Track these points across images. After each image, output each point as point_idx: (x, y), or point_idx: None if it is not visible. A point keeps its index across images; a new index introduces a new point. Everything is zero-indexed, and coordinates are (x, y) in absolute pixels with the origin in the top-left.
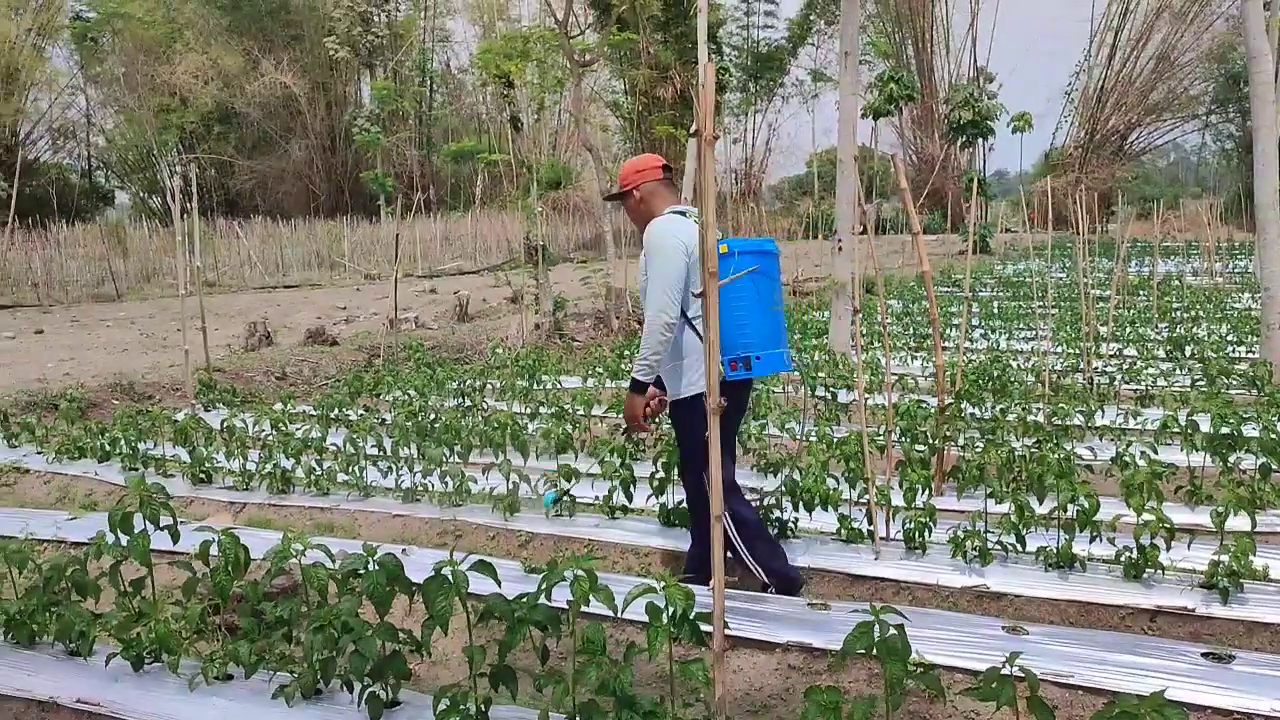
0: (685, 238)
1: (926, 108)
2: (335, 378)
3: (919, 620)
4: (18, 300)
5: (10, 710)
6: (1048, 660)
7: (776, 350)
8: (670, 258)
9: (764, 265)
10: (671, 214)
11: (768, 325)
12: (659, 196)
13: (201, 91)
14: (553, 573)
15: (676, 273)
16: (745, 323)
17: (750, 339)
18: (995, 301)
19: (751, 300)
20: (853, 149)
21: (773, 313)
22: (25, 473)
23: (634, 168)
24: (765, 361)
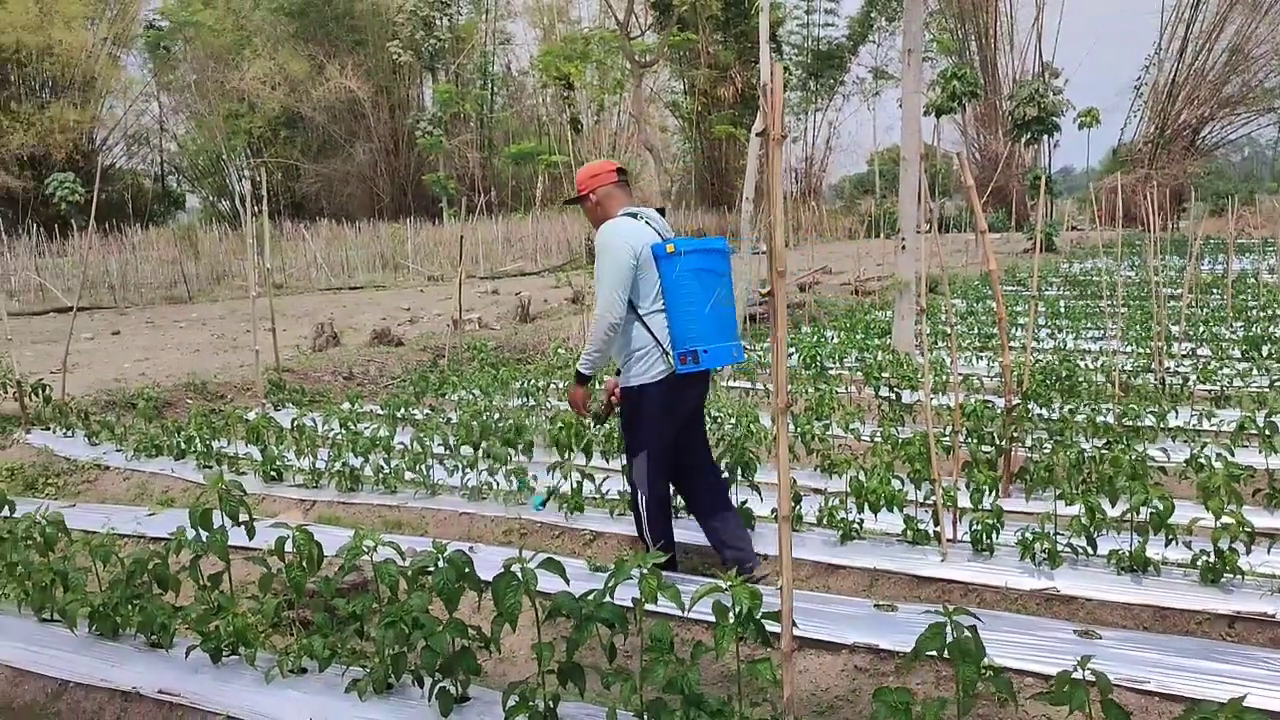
0: (633, 239)
1: (990, 104)
2: (401, 378)
3: (987, 623)
4: (95, 302)
5: (95, 700)
6: (1121, 665)
7: (725, 343)
8: (616, 258)
9: (711, 262)
10: (623, 216)
11: (715, 320)
12: (613, 199)
13: (269, 97)
14: (620, 570)
15: (623, 272)
16: (693, 318)
17: (698, 333)
18: (1061, 301)
19: (698, 296)
20: (917, 146)
21: (721, 308)
22: (105, 469)
23: (590, 173)
24: (712, 354)
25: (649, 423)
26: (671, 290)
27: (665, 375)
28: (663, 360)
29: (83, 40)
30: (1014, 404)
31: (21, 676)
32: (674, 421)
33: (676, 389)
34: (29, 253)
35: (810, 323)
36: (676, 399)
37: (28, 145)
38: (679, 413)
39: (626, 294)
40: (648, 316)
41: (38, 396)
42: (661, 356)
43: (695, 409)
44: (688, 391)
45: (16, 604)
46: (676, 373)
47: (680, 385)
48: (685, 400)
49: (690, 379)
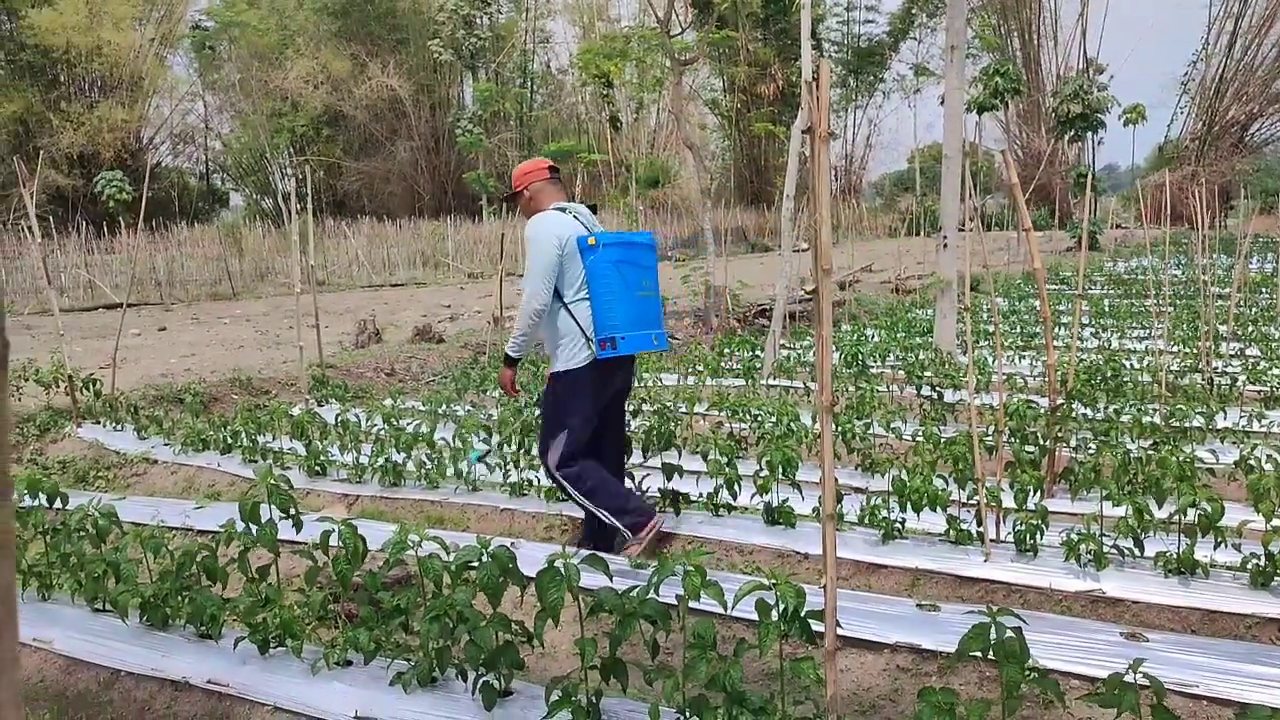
0: (559, 230)
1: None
2: (442, 374)
3: (1031, 624)
4: (142, 299)
5: (146, 689)
6: (1170, 668)
7: (643, 331)
8: (543, 249)
9: (632, 255)
10: (553, 210)
11: (634, 309)
12: (545, 194)
13: (311, 95)
14: (663, 567)
15: (549, 263)
16: (612, 307)
17: (616, 321)
18: (1106, 300)
19: (617, 287)
20: (959, 144)
21: (640, 298)
22: (154, 463)
23: (523, 170)
24: (630, 341)
25: (574, 405)
26: (593, 280)
27: (588, 361)
28: (586, 346)
29: (131, 41)
30: (1058, 403)
31: (75, 665)
32: (596, 404)
33: (599, 373)
34: (78, 250)
35: (851, 321)
36: (599, 383)
37: (77, 144)
38: (601, 396)
39: (552, 282)
40: (572, 305)
41: (88, 391)
42: (585, 343)
43: (618, 392)
44: (610, 376)
45: (70, 594)
46: (597, 358)
47: (603, 370)
48: (608, 384)
49: (612, 364)
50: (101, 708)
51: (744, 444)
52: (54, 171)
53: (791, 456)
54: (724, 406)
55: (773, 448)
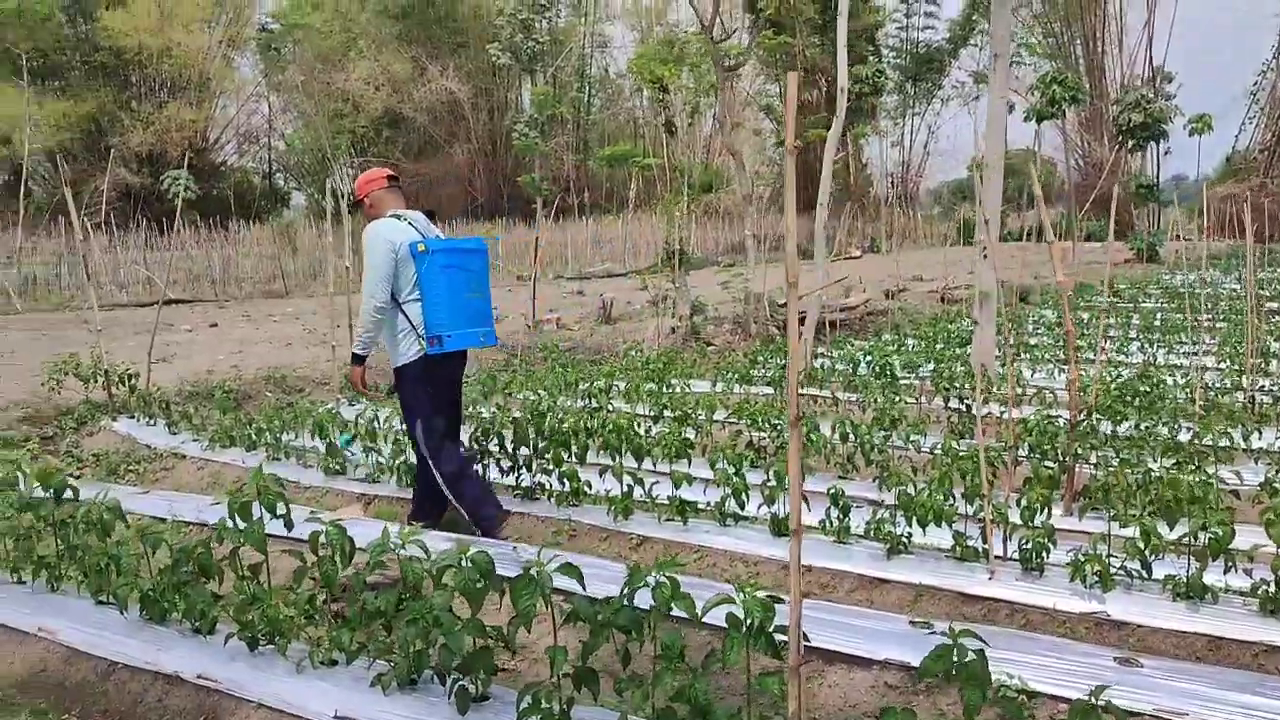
0: (393, 236)
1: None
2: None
3: (1028, 645)
4: (197, 295)
5: (140, 682)
6: (1162, 695)
7: (470, 330)
8: (379, 253)
9: (460, 260)
10: (390, 217)
11: (460, 310)
12: (384, 202)
13: (372, 97)
14: (635, 577)
15: (384, 266)
16: (440, 307)
17: (443, 321)
18: (1159, 313)
19: (443, 290)
20: (1000, 152)
21: (467, 300)
22: (182, 458)
23: (365, 179)
24: (456, 339)
25: (413, 395)
26: (423, 283)
27: (419, 355)
28: (417, 342)
29: (199, 42)
30: (1079, 420)
31: (76, 656)
32: (436, 392)
33: (431, 367)
34: (139, 246)
35: (893, 331)
36: (431, 375)
37: (146, 143)
38: (439, 385)
39: (388, 284)
40: (405, 305)
41: (124, 386)
42: (416, 340)
43: (451, 383)
44: (441, 369)
45: (76, 586)
46: (427, 354)
47: (434, 364)
48: (439, 376)
49: (441, 359)
50: (97, 699)
51: (763, 453)
52: (123, 169)
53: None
54: (743, 415)
55: (780, 459)
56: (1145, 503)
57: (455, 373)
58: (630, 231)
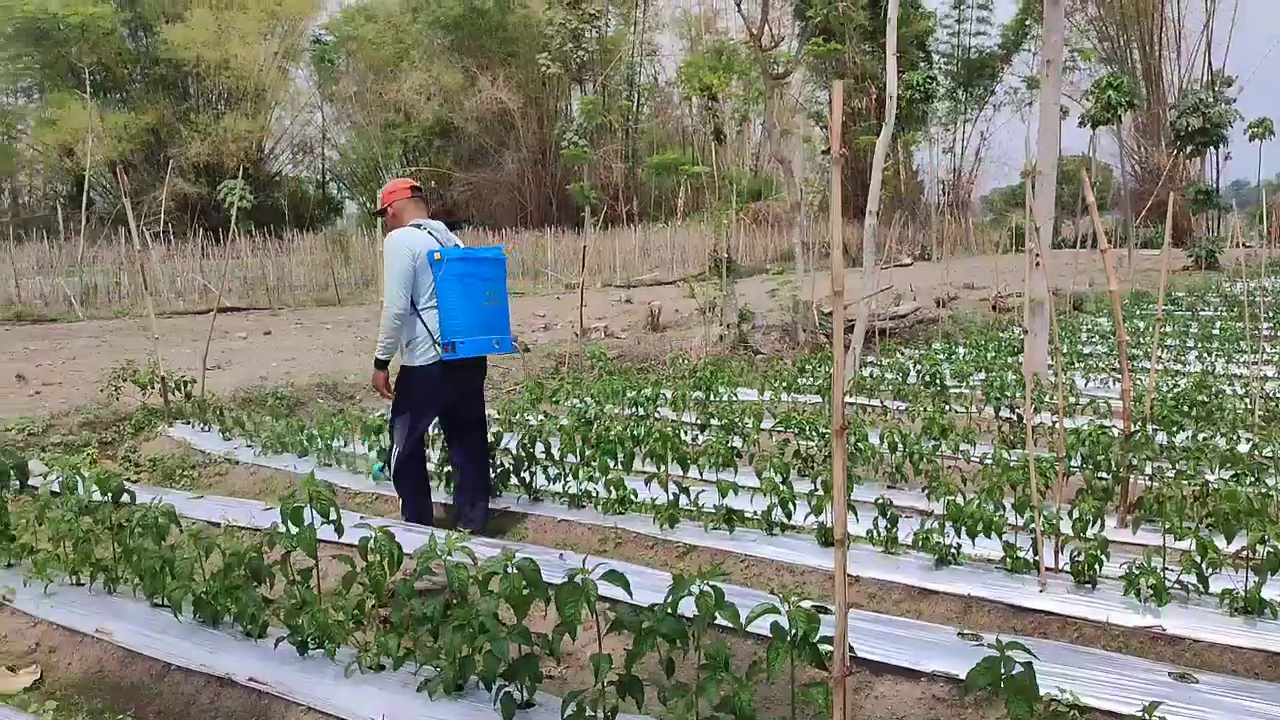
0: (413, 245)
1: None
2: (523, 383)
3: (1080, 659)
4: (252, 303)
5: (193, 683)
6: (1217, 712)
7: (485, 336)
8: (398, 261)
9: (476, 269)
10: (410, 226)
11: (474, 317)
12: (407, 212)
13: (424, 107)
14: (679, 586)
15: (404, 274)
16: (453, 315)
17: (457, 327)
18: (1217, 322)
19: (457, 297)
20: (1053, 159)
21: (482, 307)
22: (235, 464)
23: (388, 189)
24: (469, 345)
25: (416, 396)
26: (439, 291)
27: (434, 360)
28: (433, 348)
29: (255, 54)
30: (1133, 430)
31: (131, 657)
32: (440, 399)
33: (444, 372)
34: (196, 255)
35: (944, 339)
36: (443, 381)
37: (204, 154)
38: (445, 392)
39: (408, 292)
40: (423, 312)
41: (179, 393)
42: (432, 345)
43: (467, 390)
44: (455, 375)
45: (133, 588)
46: (442, 359)
47: (448, 370)
48: (453, 382)
49: (456, 365)
50: (151, 699)
51: (810, 463)
52: (181, 180)
53: (848, 477)
54: (790, 424)
55: (827, 468)
56: (1202, 515)
57: (470, 380)
58: (678, 239)
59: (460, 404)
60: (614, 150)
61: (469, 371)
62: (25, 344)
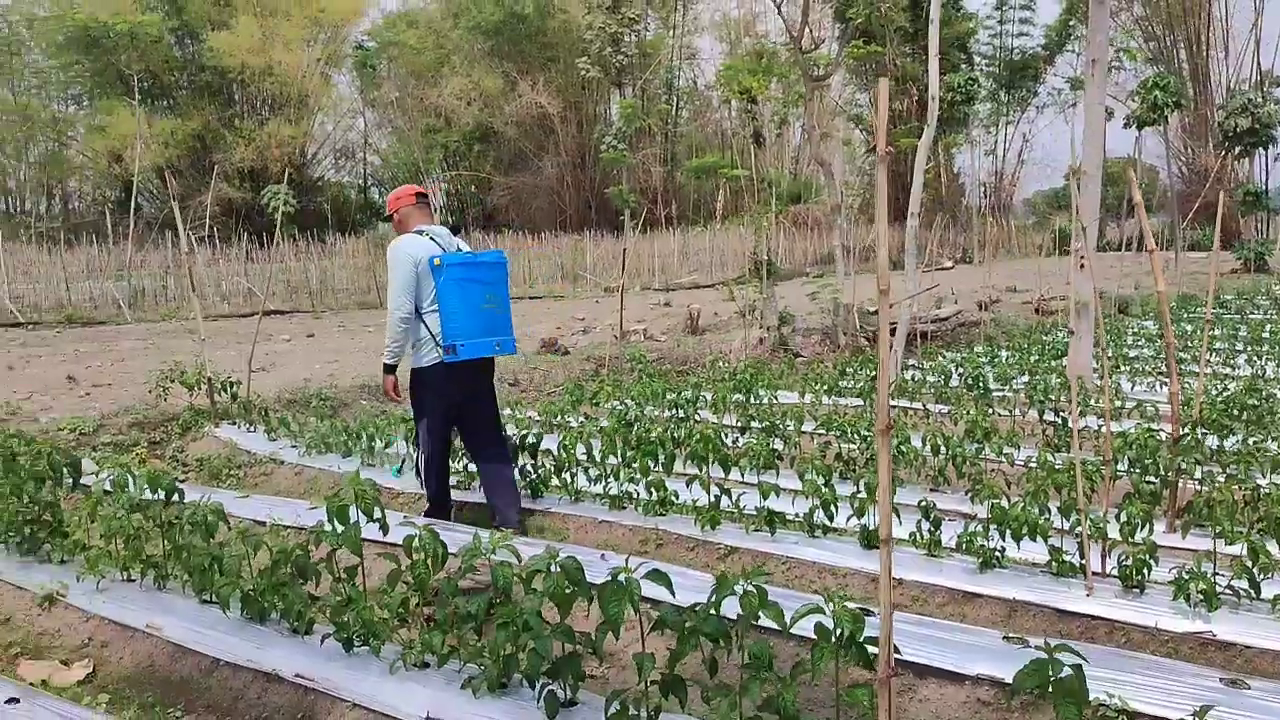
0: (415, 252)
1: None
2: (562, 385)
3: (1129, 664)
4: (295, 306)
5: (242, 679)
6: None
7: (485, 339)
8: (400, 268)
9: (475, 274)
10: (413, 233)
11: (473, 321)
12: (412, 218)
13: (464, 112)
14: (722, 586)
15: (406, 280)
16: (453, 318)
17: (456, 330)
18: (1267, 325)
19: (457, 302)
20: (1098, 160)
21: (482, 310)
22: (280, 464)
23: (395, 196)
24: (469, 347)
25: (424, 398)
26: (440, 296)
27: (437, 362)
28: (435, 351)
29: (299, 60)
30: (1181, 433)
31: (182, 652)
32: (446, 399)
33: (448, 374)
34: (240, 259)
35: (986, 342)
36: (447, 382)
37: (248, 159)
38: (451, 392)
39: (410, 297)
40: (426, 316)
41: (225, 394)
42: (435, 348)
43: (473, 391)
44: (459, 375)
45: (182, 585)
46: (444, 361)
47: (451, 371)
48: (458, 382)
49: (460, 367)
50: (200, 694)
51: (852, 465)
52: (226, 185)
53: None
54: (832, 427)
55: (872, 469)
56: (1253, 520)
57: (477, 383)
58: (717, 243)
59: (468, 404)
60: (653, 154)
61: (473, 373)
62: (75, 346)
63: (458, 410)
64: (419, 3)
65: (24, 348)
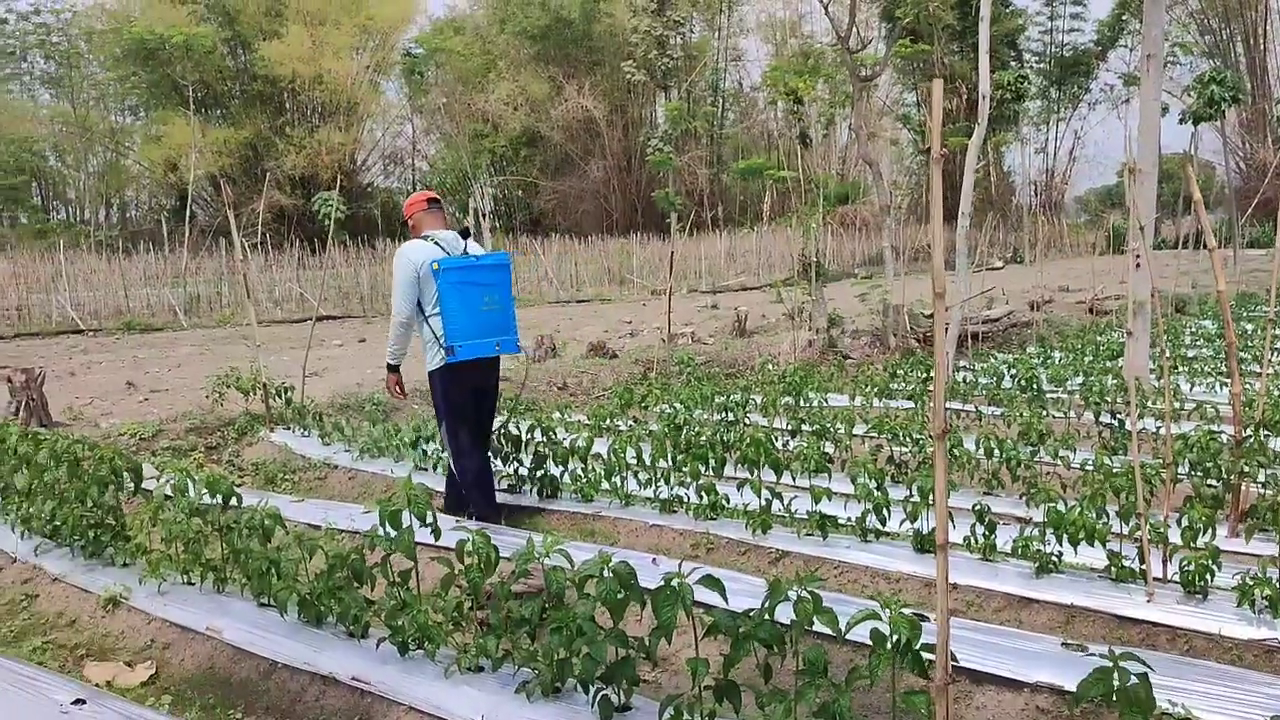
0: (416, 257)
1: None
2: (611, 389)
3: (1192, 672)
4: (347, 311)
5: (299, 681)
6: None
7: (484, 339)
8: (401, 273)
9: (473, 276)
10: (418, 239)
11: (472, 322)
12: (424, 223)
13: (511, 117)
14: (776, 591)
15: (406, 284)
16: (452, 320)
17: (455, 332)
18: None
19: (456, 304)
20: (1154, 157)
21: (480, 312)
22: (334, 468)
23: (409, 202)
24: (467, 348)
25: (438, 400)
26: (440, 299)
27: (442, 364)
28: (440, 352)
29: (348, 69)
30: (1245, 435)
31: (240, 655)
32: (456, 398)
33: (453, 373)
34: (292, 265)
35: (1038, 343)
36: (453, 382)
37: (299, 166)
38: (459, 391)
39: (411, 300)
40: (430, 319)
41: (280, 399)
42: (439, 349)
43: (476, 389)
44: (464, 374)
45: (240, 588)
46: (447, 362)
47: (455, 371)
48: (464, 381)
49: (464, 367)
50: (259, 696)
51: (904, 469)
52: (278, 192)
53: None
54: (884, 430)
55: (925, 473)
56: None
57: (482, 380)
58: (764, 244)
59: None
60: (699, 156)
61: (477, 373)
62: (134, 352)
63: (479, 405)
64: (466, 9)
65: (85, 354)
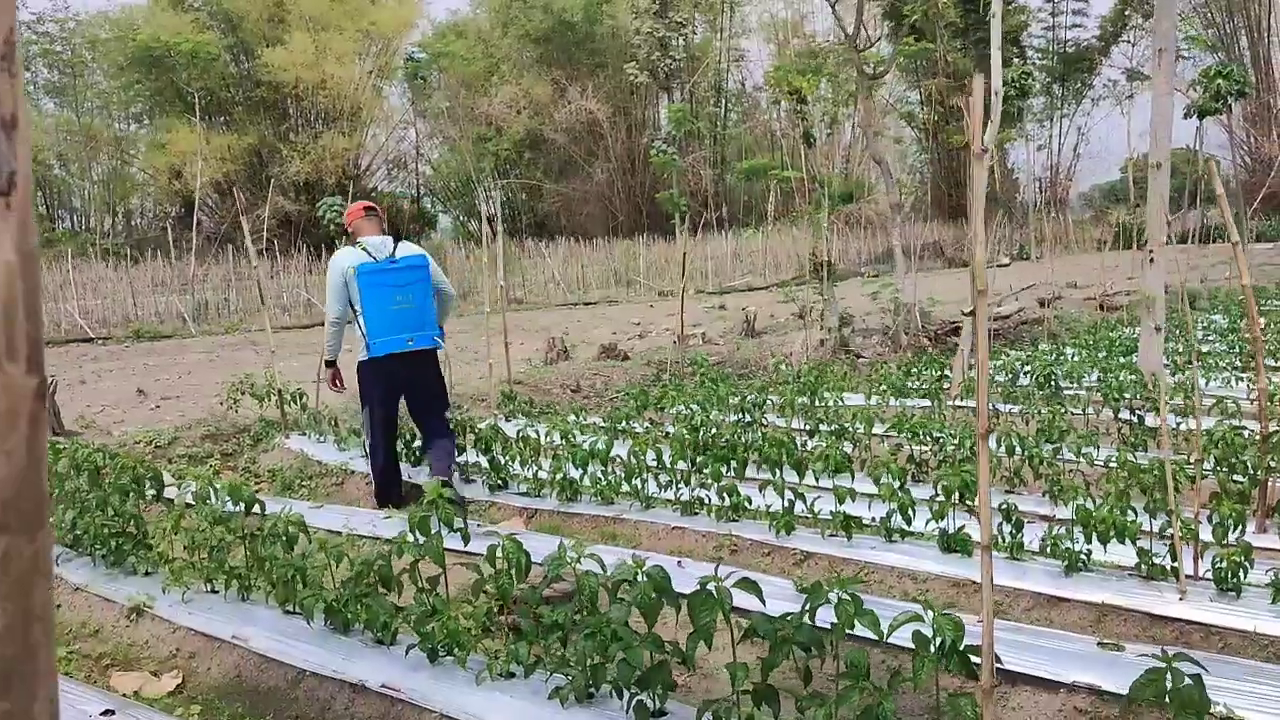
0: (343, 261)
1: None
2: (624, 391)
3: (1231, 670)
4: None
5: (328, 689)
6: None
7: (397, 336)
8: (330, 277)
9: (384, 278)
10: (347, 246)
11: (386, 320)
12: (361, 229)
13: (514, 120)
14: (816, 594)
15: (335, 287)
16: (368, 319)
17: (371, 329)
18: None
19: (370, 304)
20: (1167, 152)
21: (390, 311)
22: (351, 474)
23: (349, 211)
24: (381, 344)
25: (365, 390)
26: (360, 299)
27: (368, 359)
28: (365, 348)
29: (351, 74)
30: (1271, 430)
31: (267, 663)
32: (377, 390)
33: (378, 368)
34: (300, 270)
35: (1050, 339)
36: (374, 375)
37: (303, 172)
38: (378, 384)
39: (339, 302)
40: (358, 317)
41: (295, 404)
42: (365, 346)
43: (407, 381)
44: (384, 368)
45: (265, 596)
46: (372, 356)
47: (376, 366)
48: (385, 375)
49: (384, 361)
50: (288, 704)
51: (924, 467)
52: (282, 198)
53: (970, 481)
54: (903, 429)
55: (949, 472)
56: None
57: (406, 373)
58: (770, 245)
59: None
60: (703, 157)
61: (401, 366)
62: (144, 360)
63: (395, 398)
64: (468, 13)
65: (95, 362)
